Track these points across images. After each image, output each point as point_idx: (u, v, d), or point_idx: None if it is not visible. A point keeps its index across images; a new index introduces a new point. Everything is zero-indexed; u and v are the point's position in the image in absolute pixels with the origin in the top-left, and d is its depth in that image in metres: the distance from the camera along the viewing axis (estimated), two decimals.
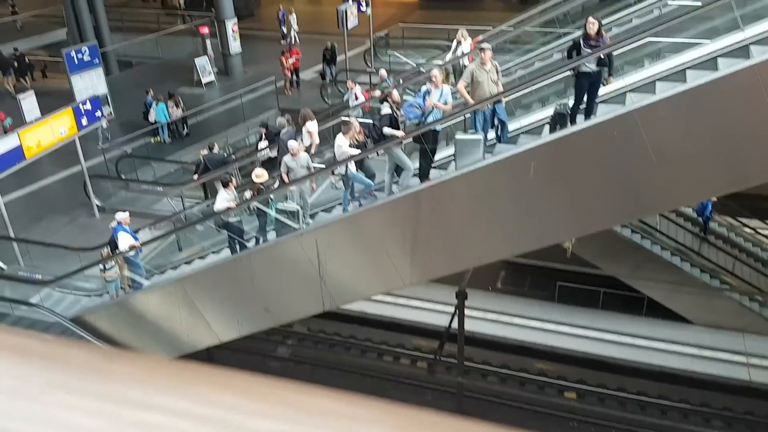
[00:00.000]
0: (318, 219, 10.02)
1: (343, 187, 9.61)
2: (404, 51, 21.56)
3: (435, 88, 8.52)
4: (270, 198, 9.77)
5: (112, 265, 10.82)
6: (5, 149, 12.33)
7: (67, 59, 17.02)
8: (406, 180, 8.83)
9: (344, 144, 9.33)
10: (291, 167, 9.80)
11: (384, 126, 8.96)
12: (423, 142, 8.61)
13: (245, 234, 10.25)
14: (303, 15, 30.23)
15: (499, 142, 8.63)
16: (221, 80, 21.92)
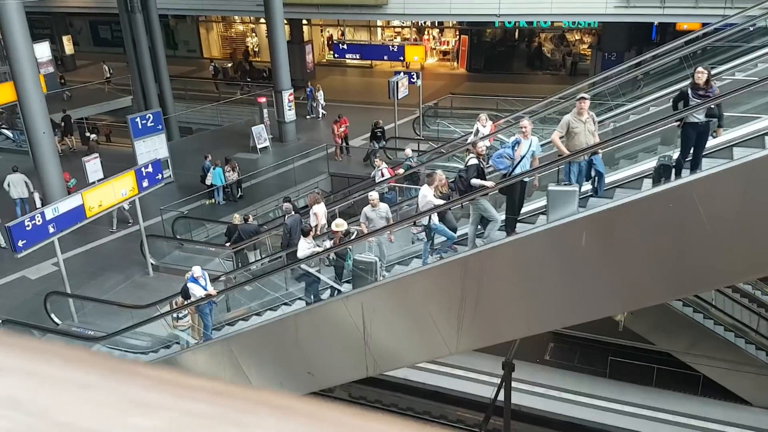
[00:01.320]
0: (395, 271, 9.82)
1: (425, 239, 9.36)
2: (452, 120, 22.01)
3: (524, 139, 8.37)
4: (348, 248, 9.68)
5: (185, 314, 11.01)
6: (68, 208, 12.93)
7: (132, 125, 17.99)
8: (491, 232, 8.58)
9: (429, 194, 9.21)
10: (370, 217, 9.81)
11: (471, 177, 8.72)
12: (511, 194, 8.37)
13: (321, 285, 10.13)
14: (355, 86, 31.47)
15: (596, 195, 8.27)
16: (275, 146, 22.71)
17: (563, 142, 8.23)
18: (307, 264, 10.00)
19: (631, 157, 10.02)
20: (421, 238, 9.47)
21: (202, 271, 11.05)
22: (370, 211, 9.85)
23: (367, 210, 9.92)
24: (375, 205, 9.88)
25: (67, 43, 34.63)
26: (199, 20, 35.45)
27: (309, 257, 9.98)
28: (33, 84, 15.85)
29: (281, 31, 22.41)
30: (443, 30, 33.10)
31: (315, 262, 10.06)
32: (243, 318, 11.74)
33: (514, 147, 8.41)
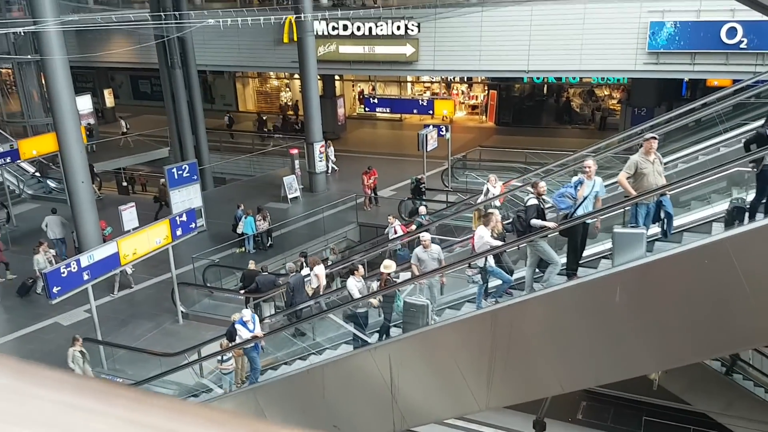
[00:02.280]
0: (445, 315, 9.55)
1: (480, 281, 9.03)
2: (481, 172, 22.13)
3: (588, 179, 8.13)
4: (397, 290, 9.43)
5: (230, 357, 11.02)
6: (103, 256, 13.20)
7: (169, 175, 18.48)
8: (551, 276, 8.18)
9: (486, 234, 8.93)
10: (422, 259, 9.59)
11: (531, 217, 8.39)
12: (573, 236, 8.07)
13: (368, 328, 9.91)
14: (385, 138, 31.97)
15: (665, 237, 7.93)
16: (306, 196, 23.04)
17: (630, 183, 7.94)
18: (356, 305, 9.75)
19: (700, 199, 9.71)
20: (477, 281, 9.14)
21: (252, 314, 11.10)
22: (422, 252, 9.63)
23: (419, 251, 9.69)
24: (427, 246, 9.65)
25: (108, 96, 36.07)
26: (236, 76, 36.68)
27: (359, 298, 9.71)
28: (74, 135, 16.47)
29: (314, 86, 23.09)
30: (472, 85, 33.65)
31: (362, 304, 9.82)
32: (272, 367, 11.70)
33: (576, 187, 8.14)
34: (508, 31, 23.53)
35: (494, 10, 23.89)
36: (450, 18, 24.37)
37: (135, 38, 25.80)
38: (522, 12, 23.32)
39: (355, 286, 9.92)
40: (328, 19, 25.53)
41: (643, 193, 7.73)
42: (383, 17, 25.28)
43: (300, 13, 21.41)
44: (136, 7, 30.40)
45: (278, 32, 25.44)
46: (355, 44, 26.11)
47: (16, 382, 0.62)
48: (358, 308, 9.80)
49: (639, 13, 21.52)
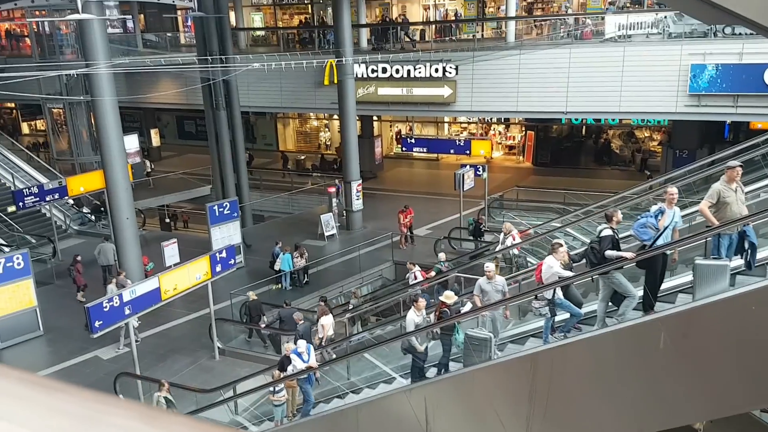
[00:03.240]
0: (507, 350, 9.23)
1: (548, 314, 8.66)
2: (518, 212, 22.02)
3: (669, 208, 7.84)
4: (456, 322, 9.10)
5: (282, 388, 11.00)
6: (144, 291, 13.48)
7: (210, 212, 18.90)
8: (627, 310, 7.78)
9: (556, 265, 8.55)
10: (485, 290, 9.33)
11: (605, 248, 8.05)
12: (652, 268, 7.69)
13: (427, 362, 9.62)
14: (421, 177, 32.15)
15: (749, 269, 7.55)
16: (342, 234, 23.21)
17: (712, 213, 7.65)
18: (415, 338, 9.41)
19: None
20: (544, 314, 8.77)
21: (308, 345, 11.10)
22: (486, 283, 9.34)
23: (482, 282, 9.39)
24: (491, 277, 9.36)
25: (155, 136, 37.33)
26: (277, 116, 37.59)
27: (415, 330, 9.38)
28: (121, 173, 17.06)
29: (353, 126, 23.51)
30: (509, 125, 33.73)
31: (421, 337, 9.52)
32: None
33: (657, 216, 7.82)
34: (546, 73, 23.64)
35: (532, 53, 24.09)
36: (488, 61, 24.65)
37: (182, 81, 26.80)
38: (560, 54, 23.45)
39: (413, 320, 9.54)
40: (368, 63, 26.10)
41: (726, 222, 7.45)
42: (422, 60, 25.72)
43: (341, 57, 21.99)
44: (183, 51, 31.65)
45: (319, 75, 26.09)
46: (393, 86, 26.57)
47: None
48: (418, 342, 9.40)
49: (680, 56, 21.39)
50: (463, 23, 33.01)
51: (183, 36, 36.25)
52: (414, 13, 36.58)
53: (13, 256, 15.75)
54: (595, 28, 25.36)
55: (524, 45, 25.46)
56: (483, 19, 33.40)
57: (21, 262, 15.72)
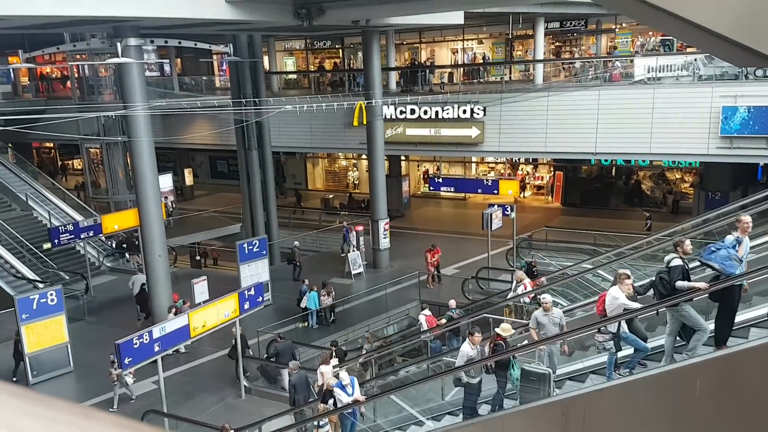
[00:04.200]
0: (566, 387, 8.75)
1: (613, 349, 8.15)
2: (547, 253, 21.79)
3: (744, 236, 7.51)
4: (512, 356, 8.73)
5: (325, 423, 10.80)
6: (174, 328, 13.59)
7: (240, 250, 19.12)
8: (697, 344, 7.33)
9: (621, 296, 7.98)
10: (542, 323, 9.02)
11: (675, 279, 7.59)
12: (727, 300, 7.27)
13: (480, 398, 9.27)
14: (448, 216, 32.13)
15: None
16: (369, 272, 23.21)
17: None
18: (464, 372, 9.00)
19: None
20: (609, 348, 8.25)
21: (351, 378, 10.97)
22: (542, 315, 9.02)
23: (539, 314, 9.07)
24: (548, 309, 9.04)
25: (188, 175, 38.19)
26: (307, 156, 38.19)
27: (465, 365, 8.99)
28: (155, 212, 17.42)
29: (381, 166, 23.76)
30: (537, 165, 33.68)
31: (474, 370, 9.13)
32: None
33: (734, 246, 7.42)
34: (574, 114, 23.69)
35: (561, 95, 24.20)
36: (516, 102, 24.82)
37: (216, 122, 27.52)
38: (589, 96, 23.51)
39: (467, 354, 9.13)
40: (396, 104, 26.51)
41: None
42: (450, 102, 26.02)
43: (371, 99, 22.39)
44: (218, 93, 32.58)
45: (348, 116, 26.54)
46: (421, 127, 26.87)
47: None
48: (470, 376, 9.04)
49: (710, 98, 21.27)
50: (491, 66, 33.43)
51: (218, 79, 37.36)
52: (442, 56, 37.21)
53: (47, 293, 16.04)
54: (624, 70, 25.43)
55: (552, 87, 25.62)
56: (511, 62, 33.80)
57: (54, 299, 15.99)
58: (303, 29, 19.18)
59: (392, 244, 24.18)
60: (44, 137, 30.64)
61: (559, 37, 34.96)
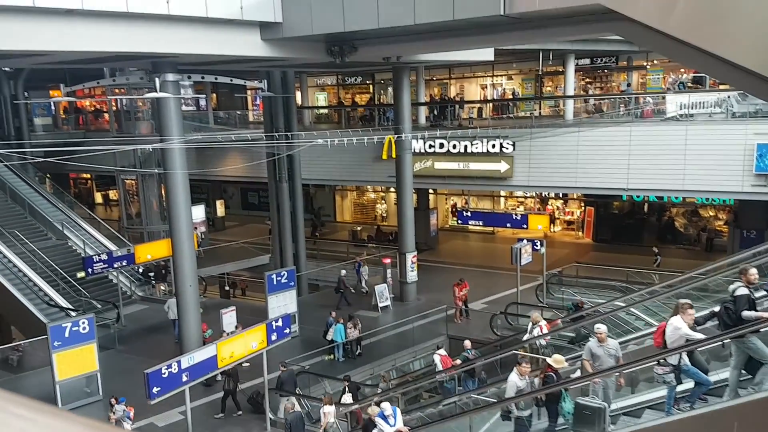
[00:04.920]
0: (621, 422, 8.38)
1: (674, 382, 7.73)
2: (578, 289, 21.46)
3: None
4: (563, 389, 8.41)
5: None
6: (202, 358, 13.67)
7: (268, 281, 19.25)
8: (765, 378, 7.02)
9: (684, 326, 7.62)
10: (596, 354, 8.60)
11: (741, 309, 7.28)
12: None
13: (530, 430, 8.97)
14: (476, 250, 31.95)
15: None
16: (396, 305, 23.10)
17: None
18: (514, 405, 8.71)
19: None
20: (669, 381, 7.79)
21: (394, 408, 10.82)
22: (596, 346, 8.61)
23: (593, 345, 8.68)
24: (602, 340, 8.63)
25: (220, 207, 38.85)
26: (336, 189, 38.56)
27: (515, 397, 8.71)
28: (187, 242, 17.69)
29: (409, 199, 23.86)
30: (568, 200, 33.42)
31: (524, 403, 8.86)
32: None
33: None
34: (606, 149, 23.56)
35: (591, 130, 24.12)
36: (546, 137, 24.82)
37: (248, 155, 28.04)
38: (620, 132, 23.40)
39: (516, 384, 8.84)
40: (425, 138, 26.72)
41: None
42: (479, 136, 26.12)
43: (400, 133, 22.63)
44: (251, 127, 33.29)
45: (377, 150, 26.82)
46: (450, 161, 26.98)
47: None
48: (520, 409, 8.71)
49: (744, 135, 21.00)
50: (520, 101, 33.57)
51: (251, 113, 38.20)
52: (472, 91, 37.50)
53: (79, 321, 16.25)
54: (656, 107, 25.30)
55: (583, 122, 25.58)
56: (541, 97, 33.87)
57: (86, 327, 16.18)
58: (335, 65, 19.57)
59: (420, 278, 24.08)
60: (82, 169, 31.52)
61: (589, 74, 35.02)
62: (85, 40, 12.94)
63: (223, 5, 14.19)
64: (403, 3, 13.32)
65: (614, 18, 11.16)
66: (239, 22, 14.81)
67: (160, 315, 21.26)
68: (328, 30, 15.04)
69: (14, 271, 22.61)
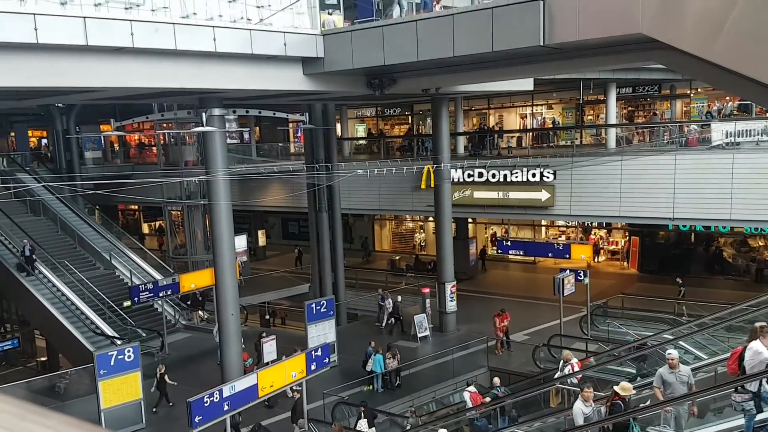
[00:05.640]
0: None
1: (753, 410, 7.37)
2: (624, 321, 20.91)
3: None
4: (632, 418, 8.07)
5: None
6: (243, 387, 13.75)
7: (308, 310, 19.36)
8: None
9: (765, 350, 7.28)
10: (668, 381, 8.21)
11: None
12: None
13: None
14: (517, 280, 31.53)
15: None
16: (435, 336, 22.89)
17: None
18: None
19: None
20: (748, 409, 7.37)
21: None
22: (668, 373, 8.22)
23: (664, 372, 8.29)
24: (674, 366, 8.24)
25: (261, 236, 39.47)
26: (374, 218, 38.77)
27: (585, 425, 8.44)
28: (230, 272, 17.99)
29: (448, 228, 23.82)
30: (611, 230, 32.80)
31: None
32: None
33: None
34: (650, 178, 23.16)
35: (635, 159, 23.77)
36: (588, 166, 24.54)
37: (290, 186, 28.55)
38: (665, 161, 23.00)
39: (582, 412, 8.57)
40: (464, 168, 26.74)
41: None
42: (519, 165, 26.00)
43: (439, 163, 22.72)
44: (292, 159, 33.93)
45: (416, 180, 26.93)
46: (489, 190, 26.87)
47: None
48: None
49: None
50: (561, 130, 33.37)
51: (293, 145, 38.93)
52: (511, 121, 37.46)
53: (124, 349, 16.60)
54: (701, 135, 24.84)
55: (626, 151, 25.23)
56: (583, 126, 33.58)
57: (131, 355, 16.51)
58: (375, 98, 19.88)
59: (459, 308, 23.86)
60: (131, 200, 32.46)
61: (631, 102, 34.63)
62: (136, 77, 13.48)
63: (267, 42, 14.63)
64: (443, 36, 13.51)
65: (657, 47, 11.09)
66: (282, 58, 15.23)
67: (202, 343, 21.57)
68: (368, 64, 15.32)
69: (63, 300, 23.30)
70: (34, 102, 22.08)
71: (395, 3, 15.97)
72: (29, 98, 18.49)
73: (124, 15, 12.52)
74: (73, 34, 11.71)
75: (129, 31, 12.36)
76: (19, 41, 11.20)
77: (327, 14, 16.20)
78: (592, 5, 11.56)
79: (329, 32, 15.55)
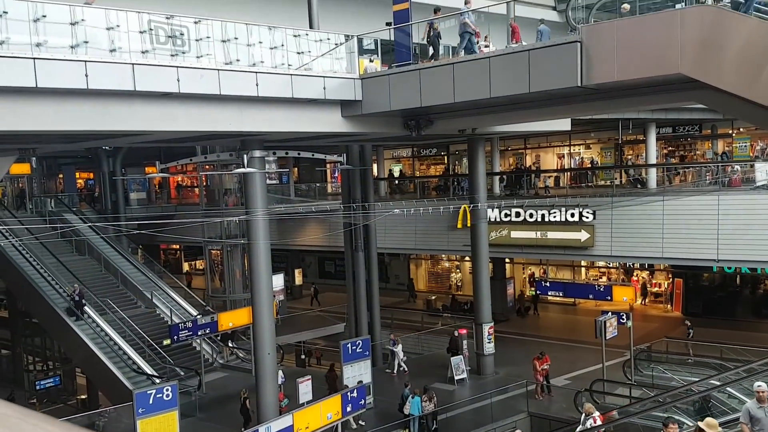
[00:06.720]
0: None
1: None
2: (669, 366, 20.23)
3: None
4: None
5: None
6: (279, 428, 13.71)
7: (344, 350, 19.27)
8: None
9: None
10: (756, 417, 7.65)
11: None
12: None
13: None
14: (557, 322, 30.89)
15: None
16: (473, 378, 22.46)
17: None
18: None
19: None
20: None
21: None
22: (756, 408, 7.66)
23: (752, 407, 7.74)
24: (762, 400, 7.62)
25: (298, 275, 39.73)
26: (410, 257, 38.70)
27: None
28: (267, 311, 18.10)
29: (485, 268, 23.61)
30: (654, 272, 32.01)
31: None
32: None
33: None
34: (693, 219, 22.66)
35: (677, 199, 23.34)
36: (628, 207, 24.17)
37: (326, 225, 28.85)
38: (708, 201, 22.51)
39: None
40: (501, 208, 26.62)
41: None
42: (557, 205, 25.77)
43: (475, 202, 22.68)
44: (329, 199, 34.34)
45: (452, 219, 26.90)
46: (527, 230, 26.63)
47: None
48: None
49: None
50: (600, 170, 33.05)
51: (330, 185, 39.46)
52: (548, 161, 37.34)
53: (163, 388, 16.67)
54: (745, 175, 24.32)
55: (667, 191, 24.82)
56: (623, 166, 33.18)
57: (170, 394, 16.55)
58: (411, 138, 20.11)
59: (497, 350, 23.42)
60: (173, 240, 33.11)
61: (671, 142, 34.19)
62: (181, 121, 13.95)
63: (307, 87, 15.04)
64: (479, 77, 13.67)
65: (697, 87, 11.01)
66: (322, 101, 15.61)
67: (239, 383, 21.55)
68: (405, 106, 15.57)
69: (104, 338, 23.69)
70: (82, 145, 22.93)
71: (432, 46, 16.27)
72: (78, 141, 19.22)
73: (170, 62, 13.03)
74: (122, 80, 12.22)
75: (175, 77, 12.85)
76: (71, 87, 11.69)
77: (368, 61, 16.59)
78: (630, 46, 11.57)
79: (367, 76, 15.91)
